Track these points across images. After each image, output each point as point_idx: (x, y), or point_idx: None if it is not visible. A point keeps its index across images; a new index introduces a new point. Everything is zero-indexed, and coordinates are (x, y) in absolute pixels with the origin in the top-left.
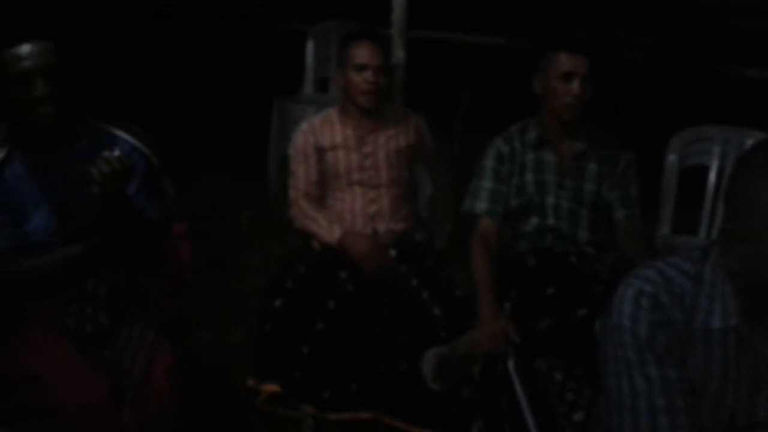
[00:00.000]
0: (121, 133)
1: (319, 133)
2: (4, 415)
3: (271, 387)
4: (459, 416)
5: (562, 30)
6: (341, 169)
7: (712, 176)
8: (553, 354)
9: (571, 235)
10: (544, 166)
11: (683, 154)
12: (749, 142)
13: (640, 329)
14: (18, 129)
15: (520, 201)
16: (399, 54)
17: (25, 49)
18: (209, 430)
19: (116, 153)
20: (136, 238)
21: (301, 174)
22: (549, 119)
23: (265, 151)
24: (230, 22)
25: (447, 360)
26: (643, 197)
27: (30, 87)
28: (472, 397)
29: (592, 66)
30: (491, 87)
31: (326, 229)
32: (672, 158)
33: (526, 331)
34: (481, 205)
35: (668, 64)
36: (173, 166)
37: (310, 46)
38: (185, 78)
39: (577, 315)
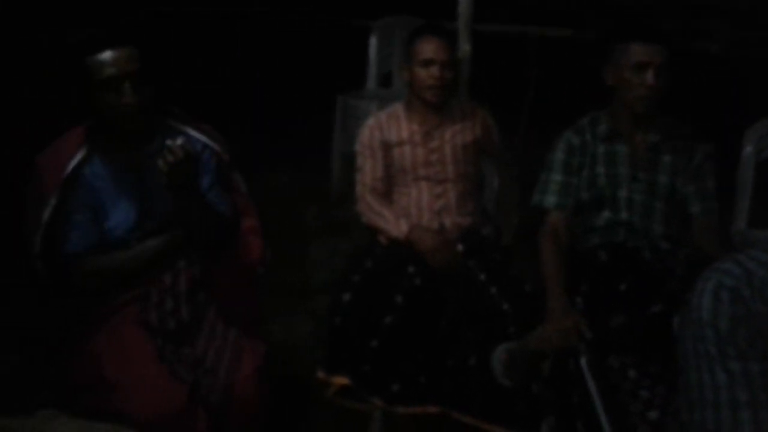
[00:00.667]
0: (193, 132)
1: (386, 128)
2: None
3: (341, 380)
4: (529, 412)
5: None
6: (407, 164)
7: None
8: (626, 351)
9: (645, 229)
10: (616, 159)
11: (759, 146)
12: None
13: (721, 323)
14: (97, 130)
15: (591, 194)
16: (465, 47)
17: (110, 55)
18: (280, 422)
19: (179, 142)
20: (209, 233)
21: (368, 169)
22: (621, 111)
23: (328, 146)
24: (295, 19)
25: (517, 355)
26: (718, 191)
27: (117, 92)
28: (542, 394)
29: (667, 56)
30: (557, 79)
31: (393, 224)
32: (748, 150)
33: (598, 327)
34: (551, 198)
35: (745, 54)
36: (240, 163)
37: (373, 42)
38: (251, 74)
39: (651, 311)
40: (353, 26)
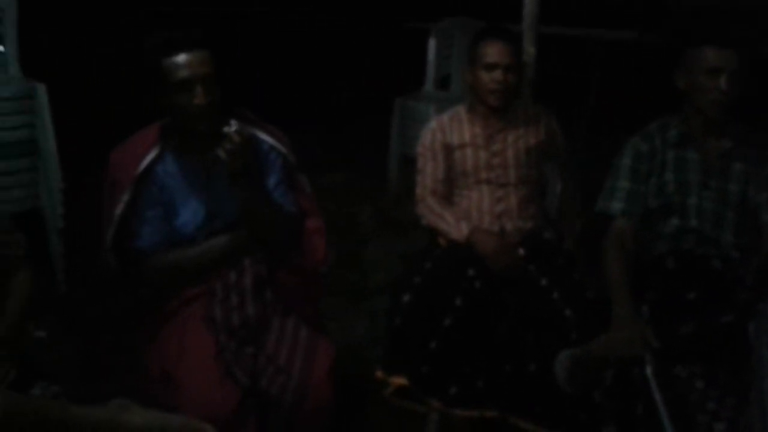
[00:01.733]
0: (259, 133)
1: (448, 131)
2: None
3: (400, 380)
4: (588, 420)
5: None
6: (469, 167)
7: None
8: (694, 360)
9: (715, 237)
10: (686, 165)
11: None
12: None
13: None
14: (170, 129)
15: (660, 201)
16: (529, 50)
17: (184, 58)
18: (339, 421)
19: (234, 129)
20: (274, 231)
21: (429, 172)
22: (693, 116)
23: (385, 148)
24: (356, 21)
25: (581, 362)
26: None
27: (189, 94)
28: (604, 402)
29: (740, 61)
30: (619, 82)
31: (454, 227)
32: None
33: (665, 336)
34: (617, 205)
35: None
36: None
37: (432, 44)
38: (310, 75)
39: (721, 321)
40: (412, 29)
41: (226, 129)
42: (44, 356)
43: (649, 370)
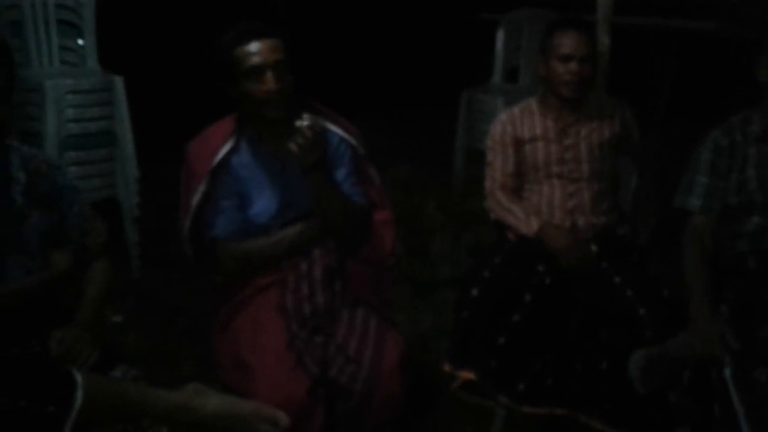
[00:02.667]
0: (329, 125)
1: (519, 123)
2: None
3: (467, 374)
4: (662, 421)
5: None
6: (540, 161)
7: None
8: None
9: None
10: None
11: None
12: None
13: None
14: (245, 120)
15: (740, 198)
16: (604, 40)
17: (256, 45)
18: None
19: (306, 123)
20: (344, 221)
21: (498, 165)
22: None
23: (450, 140)
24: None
25: (656, 362)
26: None
27: (260, 81)
28: (678, 403)
29: None
30: (697, 74)
31: (523, 221)
32: None
33: (745, 338)
34: (696, 201)
35: None
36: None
37: (500, 36)
38: (375, 66)
39: None
40: (481, 20)
41: (298, 123)
42: (120, 340)
43: (727, 372)
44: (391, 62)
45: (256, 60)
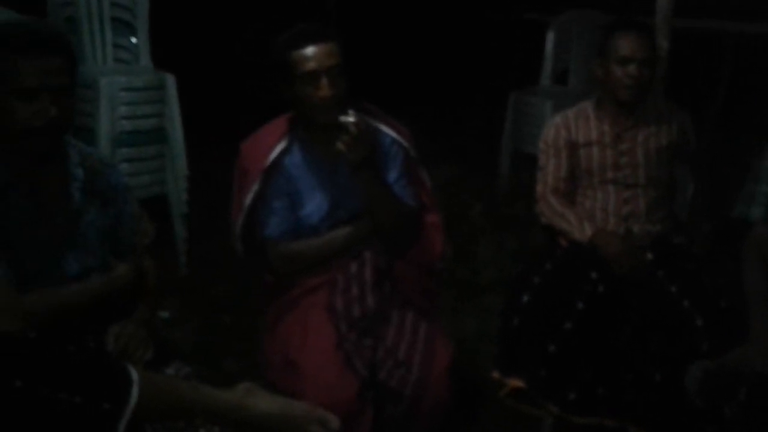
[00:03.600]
0: (382, 126)
1: (573, 127)
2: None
3: (516, 382)
4: None
5: None
6: (595, 166)
7: None
8: None
9: None
10: None
11: None
12: None
13: None
14: (297, 121)
15: None
16: (663, 44)
17: (312, 50)
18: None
19: (351, 119)
20: (395, 222)
21: (551, 169)
22: None
23: (497, 142)
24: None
25: (713, 375)
26: None
27: (315, 86)
28: (734, 418)
29: None
30: (754, 78)
31: (576, 227)
32: None
33: None
34: (757, 210)
35: None
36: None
37: (550, 37)
38: (421, 66)
39: None
40: (531, 20)
41: (342, 119)
42: (166, 336)
43: None
44: (438, 63)
45: (311, 65)
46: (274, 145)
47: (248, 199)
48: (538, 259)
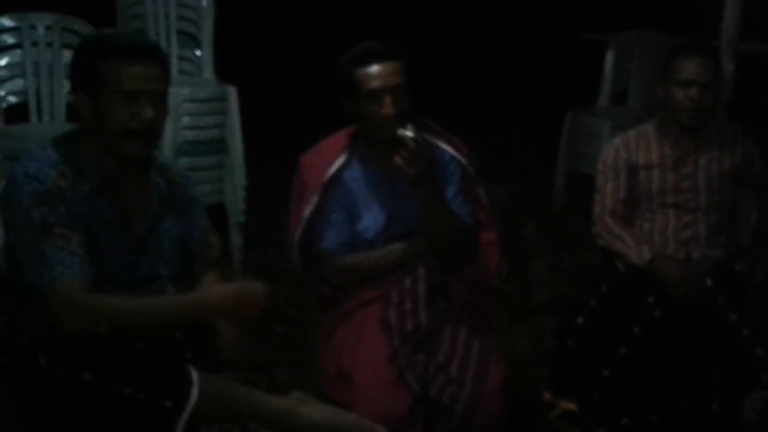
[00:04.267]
0: (441, 143)
1: (633, 149)
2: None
3: (568, 405)
4: None
5: None
6: (654, 189)
7: None
8: None
9: None
10: None
11: None
12: None
13: None
14: (358, 136)
15: None
16: (728, 67)
17: (376, 68)
18: None
19: (409, 133)
20: (451, 238)
21: (609, 191)
22: None
23: (553, 161)
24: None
25: None
26: None
27: (378, 104)
28: None
29: None
30: None
31: (635, 250)
32: None
33: None
34: None
35: None
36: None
37: (609, 57)
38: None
39: None
40: (591, 40)
41: (400, 132)
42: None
43: None
44: (498, 80)
45: (376, 83)
46: (334, 159)
47: (307, 211)
48: (594, 281)
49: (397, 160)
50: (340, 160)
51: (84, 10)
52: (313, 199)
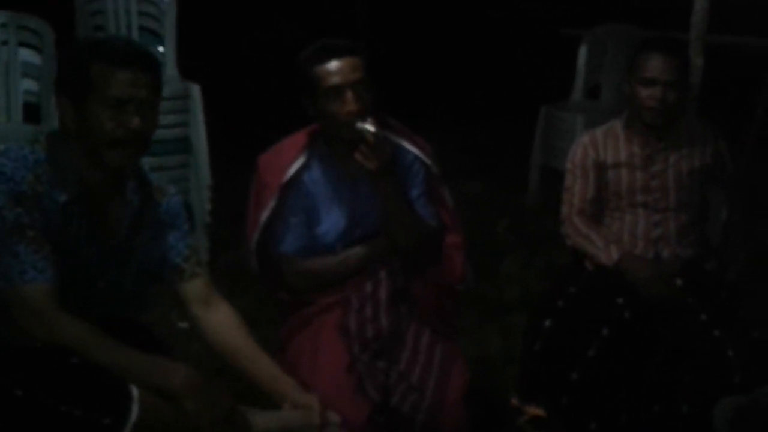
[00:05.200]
0: (404, 143)
1: (601, 147)
2: None
3: (536, 410)
4: None
5: None
6: (623, 188)
7: None
8: None
9: None
10: None
11: None
12: None
13: None
14: (318, 136)
15: None
16: (696, 61)
17: (336, 64)
18: None
19: (368, 126)
20: (413, 240)
21: (577, 190)
22: None
23: (526, 157)
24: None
25: (746, 411)
26: None
27: (341, 101)
28: None
29: None
30: None
31: (603, 250)
32: None
33: None
34: None
35: None
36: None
37: (582, 51)
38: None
39: None
40: (565, 34)
41: (359, 125)
42: (184, 347)
43: None
44: (470, 76)
45: (336, 80)
46: (293, 160)
47: (264, 215)
48: (562, 282)
49: (357, 155)
50: (299, 162)
51: (41, 7)
52: (271, 203)
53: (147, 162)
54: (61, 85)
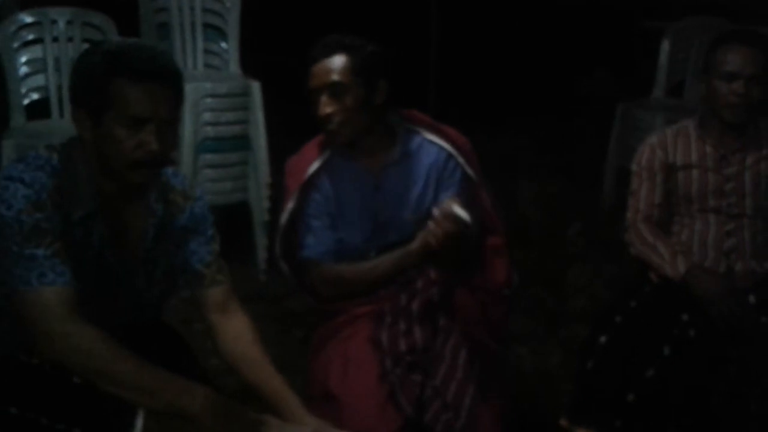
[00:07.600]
0: (434, 138)
1: (671, 148)
2: None
3: None
4: None
5: None
6: (694, 192)
7: None
8: None
9: None
10: None
11: None
12: None
13: None
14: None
15: None
16: None
17: (315, 66)
18: None
19: (456, 210)
20: (451, 251)
21: (644, 194)
22: None
23: (603, 158)
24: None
25: None
26: None
27: (315, 104)
28: None
29: None
30: None
31: (668, 261)
32: None
33: None
34: None
35: None
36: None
37: (665, 46)
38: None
39: None
40: (648, 27)
41: (436, 212)
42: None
43: None
44: (548, 72)
45: (312, 82)
46: (312, 160)
47: (283, 218)
48: (622, 295)
49: (430, 238)
50: (318, 162)
51: (105, 3)
52: (289, 205)
53: (207, 159)
54: (77, 97)
